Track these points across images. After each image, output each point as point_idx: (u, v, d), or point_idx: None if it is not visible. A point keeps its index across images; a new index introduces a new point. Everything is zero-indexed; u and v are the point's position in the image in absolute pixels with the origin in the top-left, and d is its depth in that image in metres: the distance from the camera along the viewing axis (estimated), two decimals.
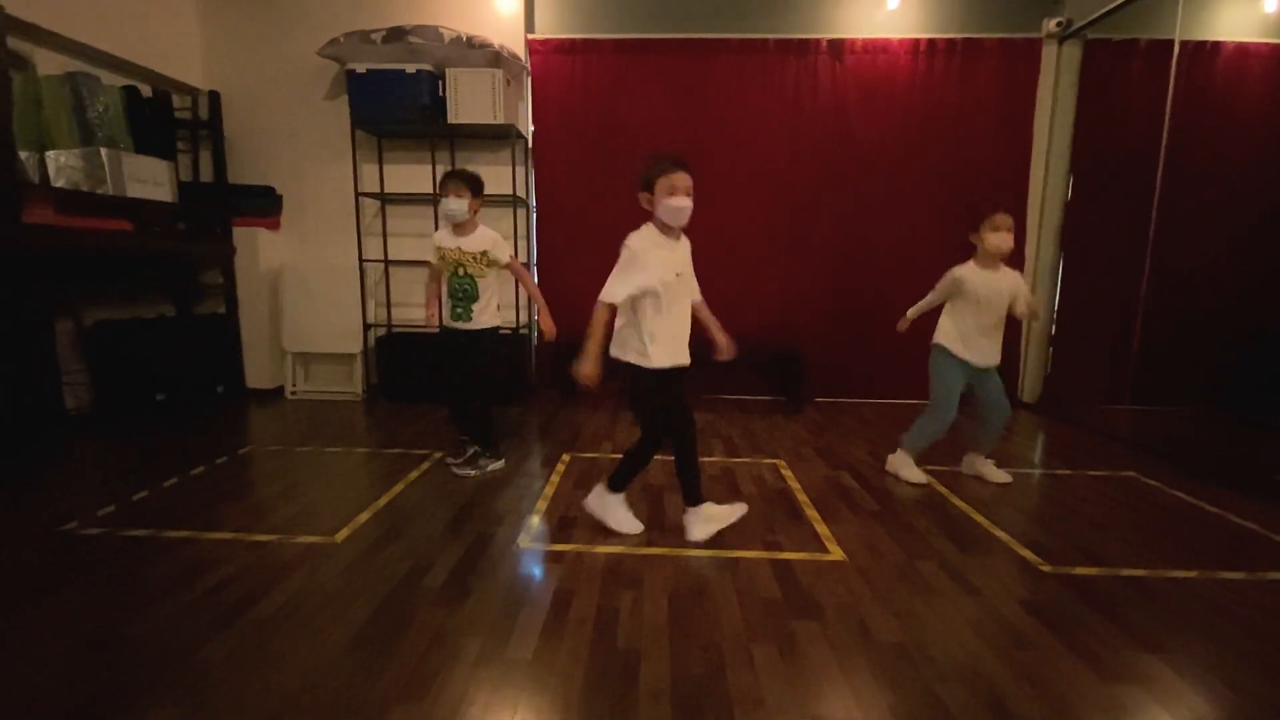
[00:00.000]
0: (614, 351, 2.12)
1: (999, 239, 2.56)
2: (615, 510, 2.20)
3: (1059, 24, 3.97)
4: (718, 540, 2.13)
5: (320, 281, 4.22)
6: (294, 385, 4.33)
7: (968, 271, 2.64)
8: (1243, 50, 3.97)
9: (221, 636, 1.55)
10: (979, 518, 2.36)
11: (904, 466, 2.78)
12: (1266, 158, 3.95)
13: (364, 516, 2.29)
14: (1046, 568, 1.97)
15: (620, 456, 2.24)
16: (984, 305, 2.60)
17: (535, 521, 2.26)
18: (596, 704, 1.33)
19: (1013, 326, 3.23)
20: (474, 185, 2.70)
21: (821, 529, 2.24)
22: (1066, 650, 1.54)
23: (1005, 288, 2.61)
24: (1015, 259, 3.96)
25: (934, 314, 2.79)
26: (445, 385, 2.90)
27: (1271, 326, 3.80)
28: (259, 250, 4.19)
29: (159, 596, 1.74)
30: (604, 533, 2.17)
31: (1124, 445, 3.34)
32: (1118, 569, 1.97)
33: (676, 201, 1.95)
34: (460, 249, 2.68)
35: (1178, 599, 1.80)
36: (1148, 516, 2.41)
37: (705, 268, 2.33)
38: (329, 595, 1.75)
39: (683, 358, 2.10)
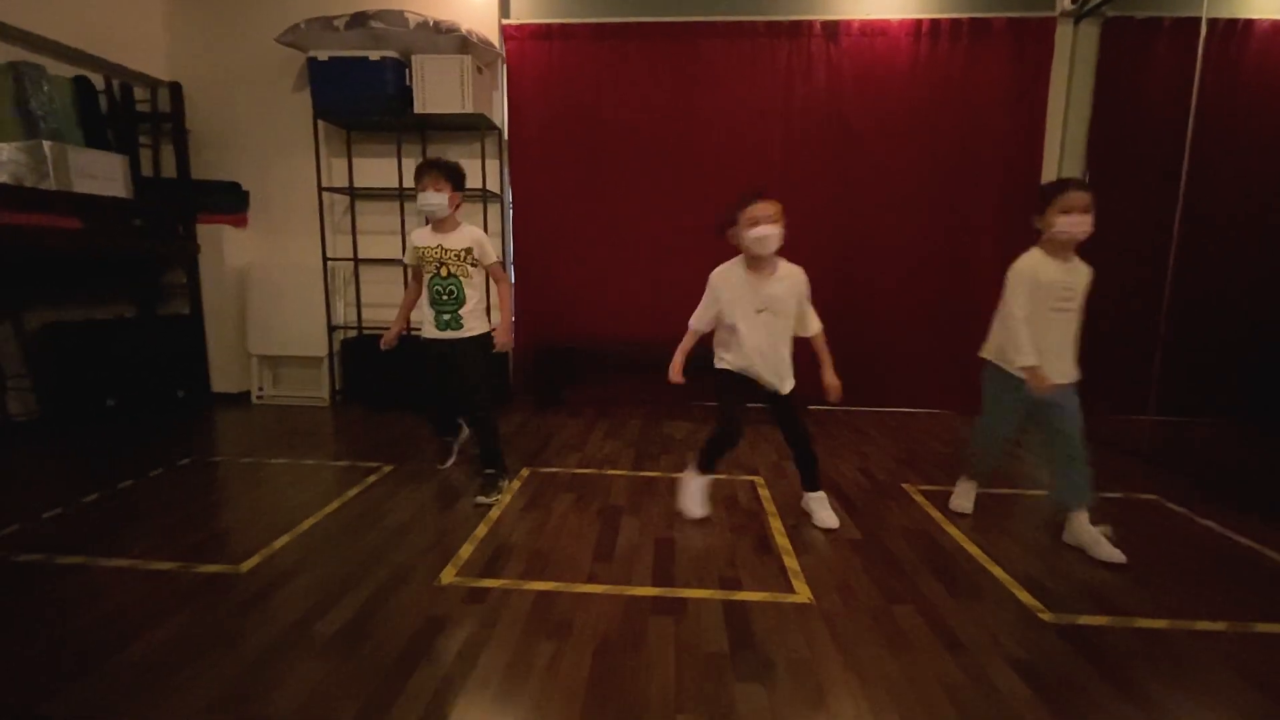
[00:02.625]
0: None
1: (1070, 223, 1.95)
2: (688, 487, 2.30)
3: (1075, 1, 3.64)
4: (668, 576, 1.87)
5: (287, 281, 4.03)
6: (260, 389, 4.14)
7: (1036, 262, 2.04)
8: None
9: (67, 691, 1.34)
10: (974, 549, 2.07)
11: (956, 493, 2.41)
12: None
13: (282, 541, 2.07)
14: (1047, 616, 1.68)
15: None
16: (1061, 303, 2.03)
17: (467, 552, 2.02)
18: None
19: None
20: (454, 177, 2.43)
21: (790, 562, 1.98)
22: None
23: (1081, 282, 2.04)
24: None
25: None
26: (429, 398, 2.67)
27: None
28: (224, 248, 4.01)
29: (19, 636, 1.53)
30: (540, 566, 1.92)
31: (1146, 462, 3.02)
32: (1132, 619, 1.68)
33: (758, 231, 2.02)
34: (442, 247, 2.41)
35: (1202, 659, 1.51)
36: (1171, 551, 2.11)
37: (693, 264, 2.21)
38: (208, 641, 1.52)
39: (761, 373, 2.14)
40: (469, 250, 2.42)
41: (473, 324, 2.47)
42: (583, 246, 4.04)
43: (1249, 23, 3.60)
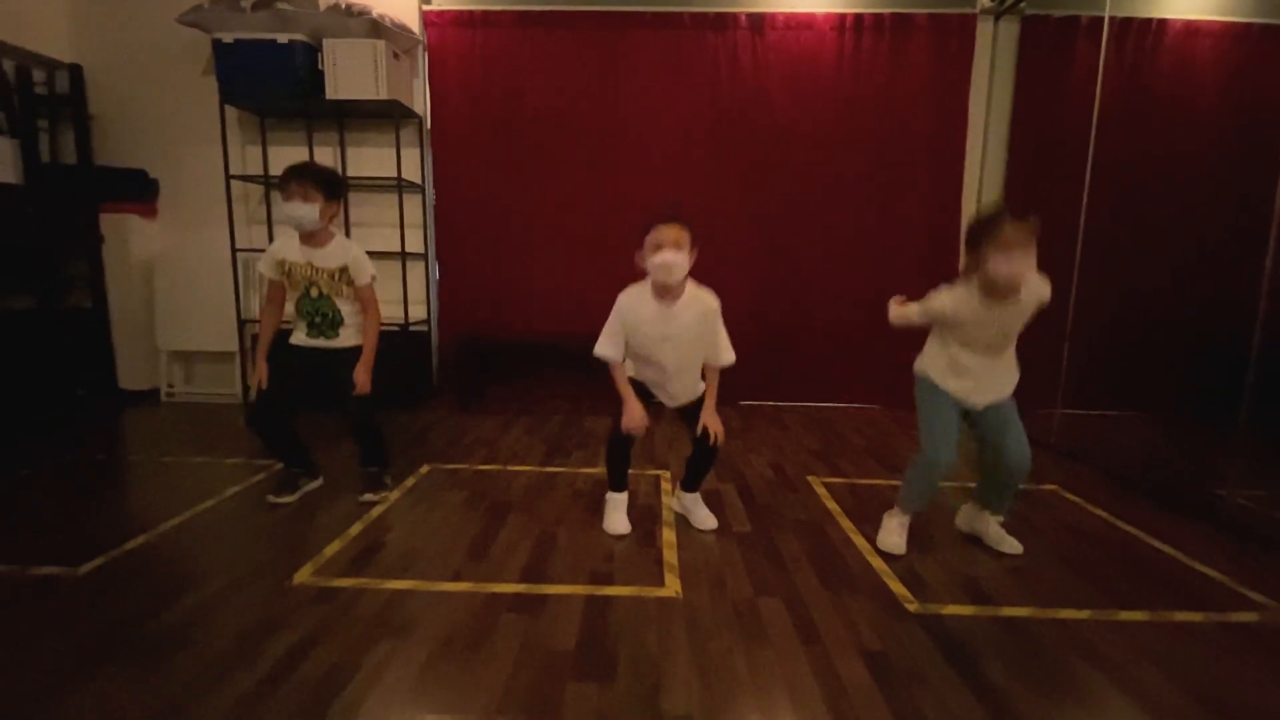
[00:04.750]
0: None
1: (1010, 267, 1.66)
2: (607, 506, 2.14)
3: None
4: (538, 573, 1.80)
5: (197, 273, 3.85)
6: (170, 386, 3.96)
7: (954, 305, 1.81)
8: (1192, 29, 3.69)
9: None
10: (861, 542, 2.04)
11: (884, 529, 2.02)
12: (1208, 142, 3.67)
13: (134, 543, 1.94)
14: (914, 606, 1.65)
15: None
16: (979, 345, 1.84)
17: (333, 550, 1.92)
18: None
19: None
20: (327, 185, 2.12)
21: (669, 556, 1.92)
22: (891, 718, 1.22)
23: (1018, 318, 1.81)
24: (951, 252, 3.68)
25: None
26: (274, 416, 2.27)
27: (1215, 321, 3.50)
28: (131, 239, 3.83)
29: None
30: (404, 565, 1.84)
31: (1052, 454, 3.04)
32: (998, 608, 1.66)
33: (660, 258, 1.84)
34: (312, 264, 2.15)
35: (1055, 646, 1.49)
36: (1056, 540, 2.10)
37: (621, 256, 2.09)
38: (21, 645, 1.41)
39: (659, 395, 2.08)
40: (343, 269, 2.16)
41: (348, 337, 2.23)
42: (507, 238, 3.96)
43: (1163, 22, 3.67)
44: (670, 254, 1.83)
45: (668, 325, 1.94)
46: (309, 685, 1.30)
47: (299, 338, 2.26)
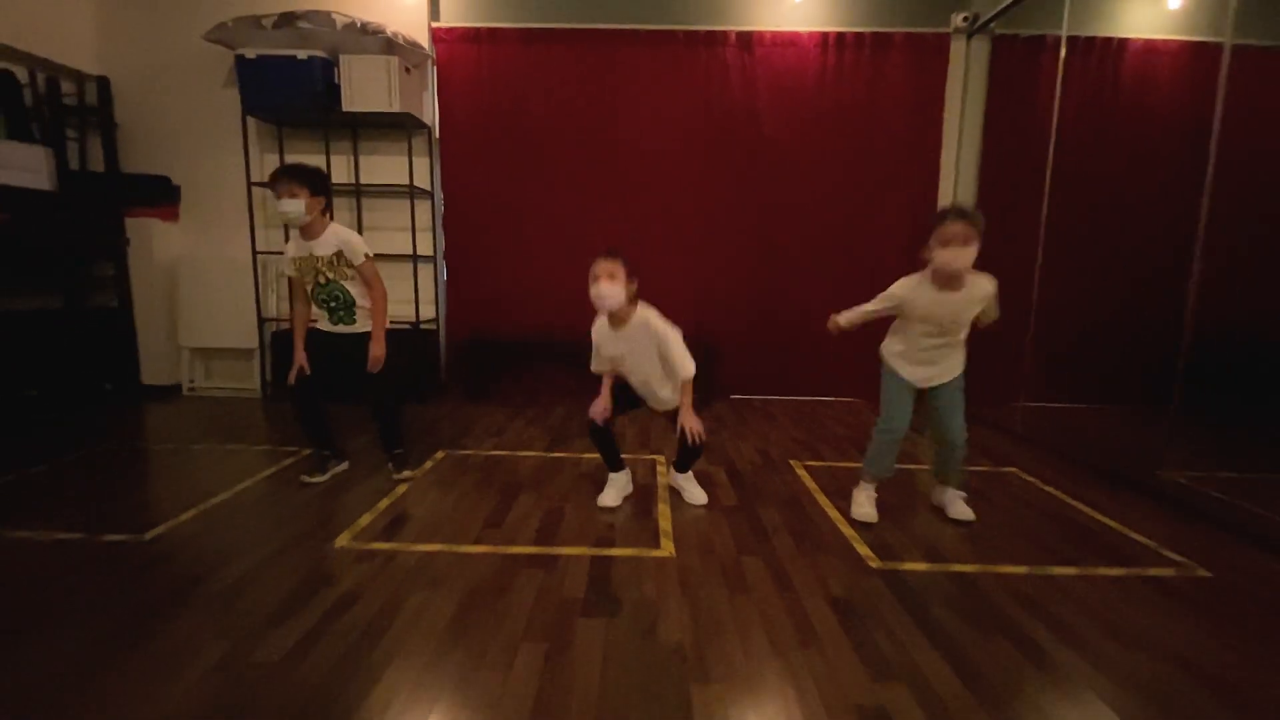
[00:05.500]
0: None
1: (950, 256, 1.95)
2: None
3: (966, 19, 3.94)
4: (549, 538, 2.05)
5: (218, 274, 4.08)
6: (191, 381, 4.18)
7: (910, 291, 2.10)
8: (1150, 47, 3.97)
9: None
10: (835, 514, 2.29)
11: (854, 501, 2.29)
12: (1164, 154, 3.94)
13: (189, 514, 2.17)
14: (875, 563, 1.90)
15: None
16: (934, 327, 2.11)
17: (366, 520, 2.15)
18: (319, 713, 1.23)
19: None
20: (311, 181, 2.33)
21: (665, 524, 2.17)
22: (851, 649, 1.47)
23: (965, 309, 2.07)
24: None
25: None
26: (307, 399, 2.52)
27: (1161, 318, 3.77)
28: (154, 242, 4.05)
29: None
30: (430, 532, 2.08)
31: (1014, 440, 3.31)
32: (949, 565, 1.91)
33: (595, 290, 2.15)
34: (312, 254, 2.38)
35: (993, 595, 1.74)
36: (1008, 512, 2.36)
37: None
38: (96, 597, 1.64)
39: (649, 399, 2.38)
40: (339, 254, 2.38)
41: (367, 323, 2.46)
42: (511, 242, 4.20)
43: (1124, 41, 3.94)
44: (605, 285, 2.13)
45: (621, 345, 2.25)
46: (358, 626, 1.54)
47: (324, 325, 2.51)
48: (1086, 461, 2.95)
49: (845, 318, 2.26)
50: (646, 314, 2.24)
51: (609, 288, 2.12)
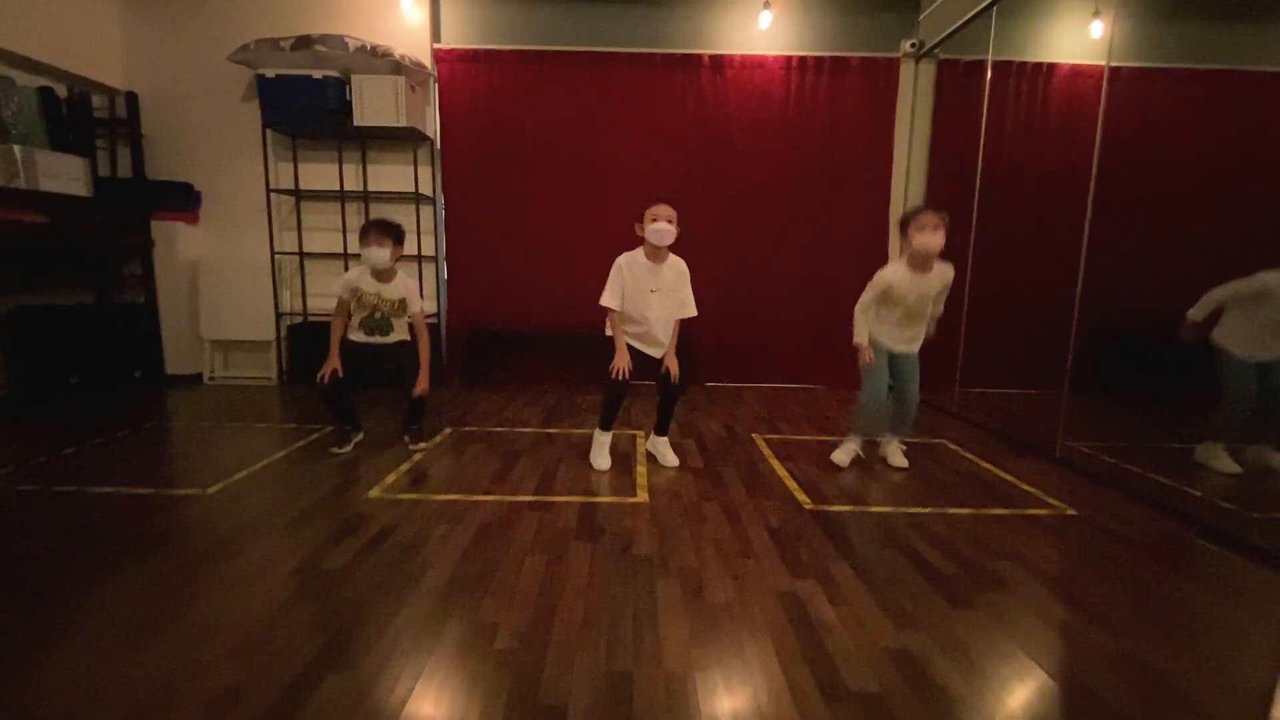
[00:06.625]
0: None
1: (925, 239, 2.52)
2: (594, 444, 2.80)
3: (913, 45, 4.42)
4: (546, 489, 2.49)
5: (237, 273, 4.47)
6: (212, 371, 4.57)
7: (893, 275, 2.64)
8: (1059, 70, 4.46)
9: (75, 560, 1.85)
10: (782, 473, 2.76)
11: (839, 449, 2.88)
12: (1069, 165, 4.43)
13: (240, 474, 2.59)
14: (808, 505, 2.37)
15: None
16: (909, 306, 2.66)
17: (392, 478, 2.58)
18: (380, 601, 1.66)
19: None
20: (396, 235, 2.89)
21: (641, 479, 2.62)
22: (779, 559, 1.92)
23: (932, 289, 2.66)
24: (880, 257, 4.43)
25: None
26: (338, 391, 2.87)
27: (1065, 310, 4.29)
28: (178, 243, 4.43)
29: (38, 534, 2.02)
30: (447, 485, 2.51)
31: (950, 418, 3.80)
32: (868, 506, 2.38)
33: (657, 226, 2.55)
34: (380, 295, 2.89)
35: (896, 526, 2.20)
36: (930, 472, 2.83)
37: (601, 259, 2.74)
38: (181, 532, 2.06)
39: (647, 348, 2.73)
40: (403, 301, 2.94)
41: (398, 335, 2.98)
42: (506, 244, 4.63)
43: (1052, 65, 4.44)
44: (665, 225, 2.57)
45: (655, 279, 2.64)
46: (400, 545, 1.97)
47: (359, 336, 2.95)
48: (1003, 433, 3.44)
49: (860, 334, 2.71)
50: (674, 256, 2.71)
51: (669, 227, 2.57)
